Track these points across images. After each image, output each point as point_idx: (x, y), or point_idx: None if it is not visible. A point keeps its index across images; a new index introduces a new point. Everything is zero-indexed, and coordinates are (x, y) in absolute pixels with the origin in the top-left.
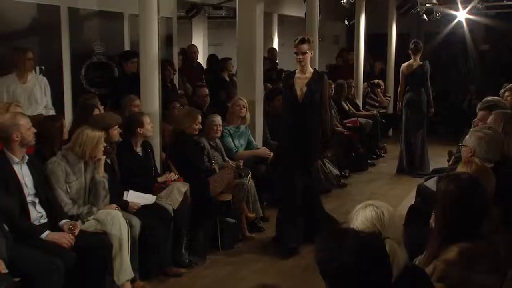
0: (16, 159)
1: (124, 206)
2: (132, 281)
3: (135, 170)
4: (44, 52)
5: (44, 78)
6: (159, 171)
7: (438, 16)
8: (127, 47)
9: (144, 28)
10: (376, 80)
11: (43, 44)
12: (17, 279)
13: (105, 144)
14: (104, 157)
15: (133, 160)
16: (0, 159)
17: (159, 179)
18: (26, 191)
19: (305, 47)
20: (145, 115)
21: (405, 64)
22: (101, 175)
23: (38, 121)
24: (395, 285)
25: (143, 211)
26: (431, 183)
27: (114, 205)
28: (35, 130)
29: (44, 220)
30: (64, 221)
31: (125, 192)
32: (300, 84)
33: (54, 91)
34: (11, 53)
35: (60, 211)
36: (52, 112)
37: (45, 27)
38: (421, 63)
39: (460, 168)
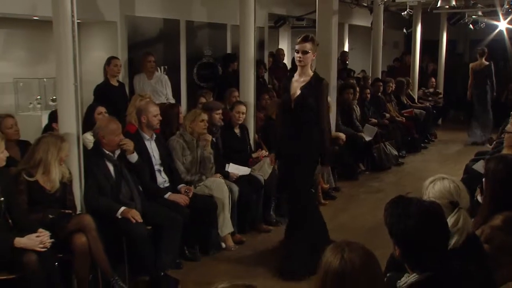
0: (147, 137)
1: (226, 175)
2: (232, 234)
3: (234, 147)
4: (167, 55)
5: (166, 75)
6: (252, 149)
7: (482, 25)
8: (229, 51)
9: (243, 36)
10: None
11: (166, 49)
12: (149, 227)
13: (206, 124)
14: (210, 137)
15: (233, 139)
16: (136, 136)
17: (253, 155)
18: (154, 161)
19: (307, 46)
20: (242, 104)
21: (473, 63)
22: (208, 152)
23: (161, 108)
24: (462, 249)
25: (240, 180)
26: (478, 166)
27: (218, 174)
28: (160, 118)
29: (167, 184)
30: (181, 185)
31: (227, 165)
32: (295, 88)
33: (174, 85)
34: (140, 58)
35: (178, 177)
36: (172, 101)
37: (168, 36)
38: (487, 63)
39: (505, 151)
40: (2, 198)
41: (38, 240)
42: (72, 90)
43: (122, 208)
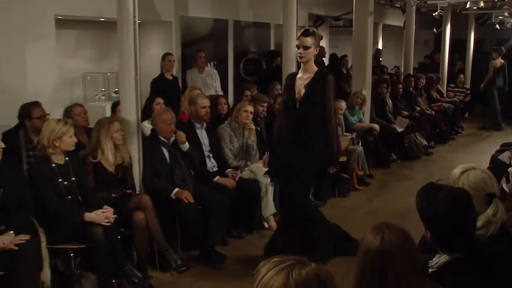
0: (198, 125)
1: None
2: (273, 215)
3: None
4: (216, 52)
5: (215, 70)
6: None
7: (509, 25)
8: (272, 48)
9: (286, 34)
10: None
11: (215, 46)
12: (199, 207)
13: (250, 115)
14: (253, 126)
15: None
16: (188, 125)
17: None
18: (204, 148)
19: (308, 40)
20: None
21: (494, 61)
22: (252, 140)
23: (210, 99)
24: (496, 236)
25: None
26: (504, 156)
27: (262, 160)
28: (208, 110)
29: (215, 169)
30: (228, 170)
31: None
32: (300, 86)
33: (222, 79)
34: (192, 54)
35: (226, 163)
36: (220, 93)
37: (217, 34)
38: (503, 61)
39: None
40: (74, 178)
41: (104, 215)
42: (133, 82)
43: (176, 190)
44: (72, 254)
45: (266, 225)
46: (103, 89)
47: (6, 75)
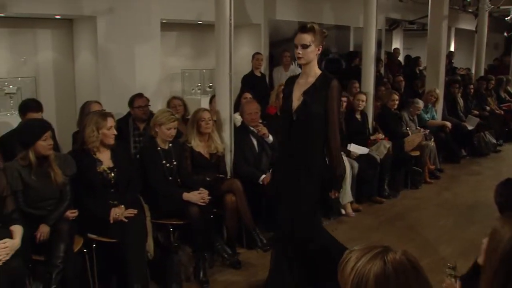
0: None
1: (348, 154)
2: (350, 203)
3: (355, 130)
4: None
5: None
6: (371, 132)
7: None
8: (351, 49)
9: (366, 36)
10: None
11: None
12: None
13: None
14: None
15: (354, 123)
16: (275, 117)
17: (371, 137)
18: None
19: (306, 37)
20: (363, 93)
21: None
22: None
23: None
24: None
25: (360, 158)
26: None
27: (342, 153)
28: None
29: None
30: None
31: (348, 144)
32: (299, 92)
33: None
34: (279, 53)
35: None
36: None
37: None
38: None
39: None
40: (175, 162)
41: (200, 196)
42: (227, 79)
43: (263, 176)
44: (171, 229)
45: (343, 211)
46: (199, 84)
47: (119, 71)
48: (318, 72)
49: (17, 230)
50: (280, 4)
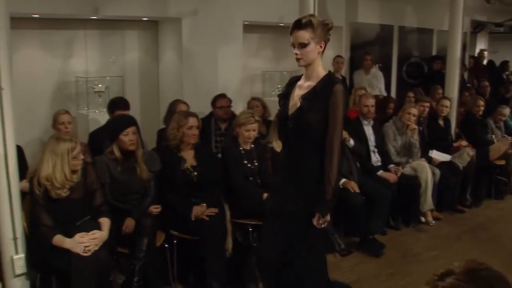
0: (366, 122)
1: (430, 160)
2: (431, 211)
3: (437, 136)
4: (381, 55)
5: (380, 72)
6: (453, 138)
7: None
8: (434, 52)
9: (451, 39)
10: None
11: (381, 50)
12: (363, 198)
13: (412, 117)
14: (416, 126)
15: (437, 129)
16: (357, 121)
17: (454, 144)
18: (370, 143)
19: (303, 34)
20: (446, 99)
21: None
22: (415, 138)
23: (376, 99)
24: None
25: (441, 165)
26: None
27: (423, 159)
28: (370, 109)
29: (379, 163)
30: (391, 165)
31: (430, 151)
32: (297, 97)
33: (386, 80)
34: (360, 56)
35: (389, 158)
36: (384, 94)
37: (383, 39)
38: None
39: None
40: (256, 163)
41: None
42: None
43: (343, 180)
44: (250, 229)
45: (423, 219)
46: (279, 86)
47: (202, 71)
48: (322, 73)
49: (105, 222)
50: (362, 6)
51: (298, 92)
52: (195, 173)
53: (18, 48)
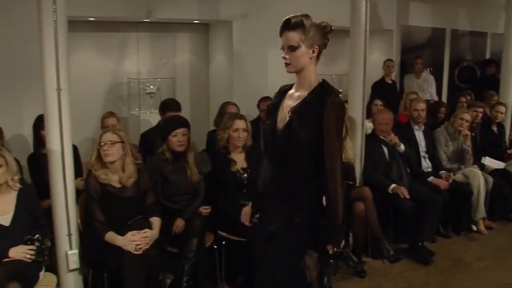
0: (416, 127)
1: (482, 167)
2: (483, 219)
3: (491, 142)
4: (433, 59)
5: (431, 76)
6: (507, 145)
7: None
8: (487, 56)
9: (507, 43)
10: None
11: (432, 53)
12: (413, 203)
13: (465, 123)
14: (468, 132)
15: (490, 135)
16: (407, 126)
17: (508, 151)
18: (420, 148)
19: (293, 36)
20: (501, 105)
21: None
22: (468, 145)
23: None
24: None
25: (495, 172)
26: None
27: (475, 165)
28: (421, 114)
29: (430, 169)
30: (442, 171)
31: (483, 158)
32: (287, 108)
33: (437, 85)
34: (411, 60)
35: (440, 164)
36: (435, 99)
37: (435, 42)
38: None
39: None
40: None
41: None
42: (361, 85)
43: (393, 185)
44: None
45: (474, 228)
46: None
47: (251, 73)
48: (315, 82)
49: (156, 221)
50: (413, 9)
51: (288, 103)
52: (245, 175)
53: (73, 50)
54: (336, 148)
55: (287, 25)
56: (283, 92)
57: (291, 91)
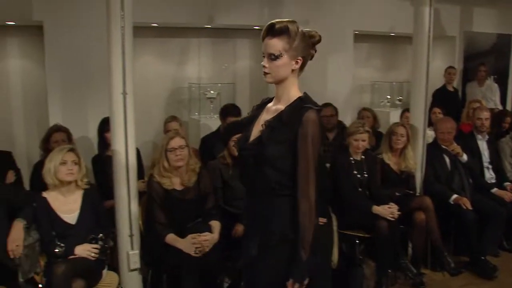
0: (480, 137)
1: None
2: None
3: None
4: (497, 66)
5: (496, 84)
6: None
7: None
8: None
9: None
10: None
11: (496, 61)
12: (476, 215)
13: None
14: None
15: None
16: (470, 136)
17: None
18: (484, 159)
19: (275, 44)
20: None
21: None
22: None
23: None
24: None
25: None
26: None
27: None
28: (484, 123)
29: (493, 180)
30: (507, 183)
31: None
32: (262, 122)
33: (501, 93)
34: (474, 67)
35: (505, 176)
36: (499, 108)
37: (499, 49)
38: None
39: None
40: (366, 174)
41: (390, 210)
42: (424, 92)
43: (454, 196)
44: (357, 241)
45: None
46: (388, 97)
47: (311, 80)
48: (294, 96)
49: (216, 225)
50: (477, 15)
51: (265, 117)
52: None
53: (137, 55)
54: (311, 170)
55: (270, 31)
56: (262, 105)
57: (270, 104)
